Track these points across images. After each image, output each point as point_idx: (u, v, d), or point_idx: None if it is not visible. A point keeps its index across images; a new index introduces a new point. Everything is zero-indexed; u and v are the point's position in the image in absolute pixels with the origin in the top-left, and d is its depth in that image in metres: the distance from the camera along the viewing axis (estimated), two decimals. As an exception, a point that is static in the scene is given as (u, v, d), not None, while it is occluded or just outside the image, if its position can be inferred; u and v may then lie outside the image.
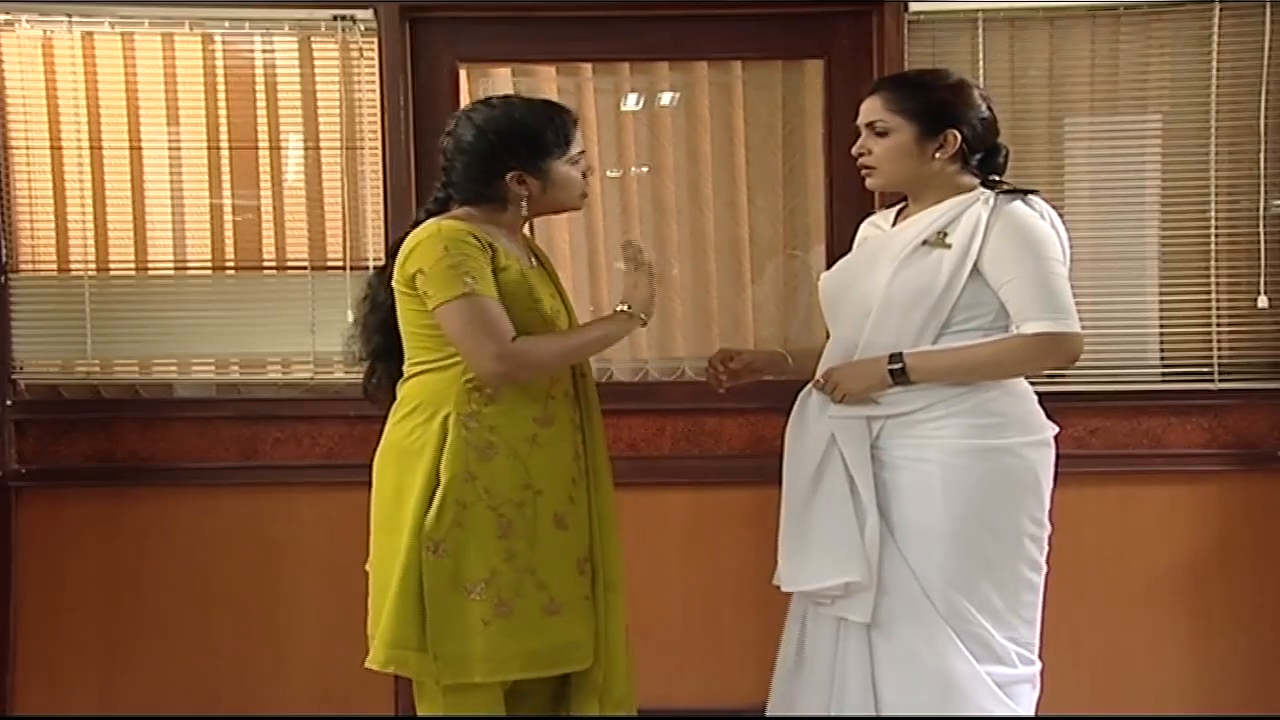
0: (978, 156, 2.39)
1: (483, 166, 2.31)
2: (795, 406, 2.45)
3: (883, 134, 2.36)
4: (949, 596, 2.28)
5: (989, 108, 2.40)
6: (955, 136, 2.34)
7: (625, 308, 2.34)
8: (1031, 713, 2.38)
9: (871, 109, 2.38)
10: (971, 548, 2.28)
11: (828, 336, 2.53)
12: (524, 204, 2.33)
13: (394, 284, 2.30)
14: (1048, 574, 2.42)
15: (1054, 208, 3.23)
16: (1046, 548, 2.38)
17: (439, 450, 2.24)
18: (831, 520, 2.32)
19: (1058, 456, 2.43)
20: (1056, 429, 2.40)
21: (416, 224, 2.33)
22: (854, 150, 2.42)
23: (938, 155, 2.35)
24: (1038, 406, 2.39)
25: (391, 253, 2.35)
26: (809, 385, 2.43)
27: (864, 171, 2.42)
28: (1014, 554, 2.32)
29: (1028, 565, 2.35)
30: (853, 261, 2.51)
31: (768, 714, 2.51)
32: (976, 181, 2.39)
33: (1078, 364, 3.30)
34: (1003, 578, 2.31)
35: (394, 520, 2.27)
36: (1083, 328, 3.17)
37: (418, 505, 2.24)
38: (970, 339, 2.30)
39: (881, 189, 2.46)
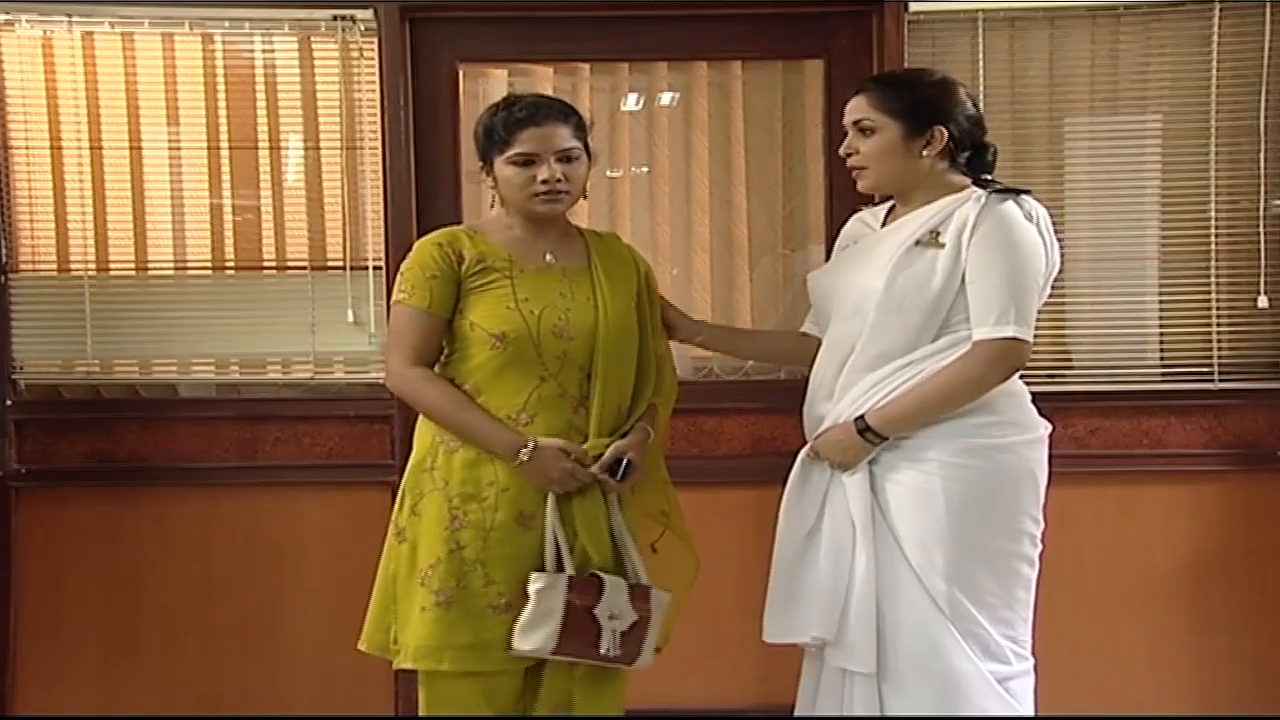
0: (965, 154, 2.39)
1: None
2: (796, 468, 2.46)
3: (869, 133, 2.37)
4: (952, 595, 2.29)
5: (975, 105, 2.40)
6: (942, 133, 2.35)
7: (520, 459, 2.26)
8: (1032, 706, 2.38)
9: (857, 108, 2.39)
10: (972, 546, 2.30)
11: (798, 333, 2.62)
12: (494, 196, 2.43)
13: None
14: (1047, 574, 2.42)
15: (1054, 208, 3.26)
16: (1040, 545, 2.39)
17: (418, 442, 2.40)
18: (814, 578, 2.36)
19: (1057, 456, 2.44)
20: (1050, 426, 2.41)
21: None
22: (842, 150, 2.43)
23: (925, 152, 2.35)
24: (1031, 404, 2.40)
25: None
26: (805, 451, 2.45)
27: (854, 173, 2.43)
28: (1012, 551, 2.34)
29: (1024, 562, 2.36)
30: (845, 260, 2.51)
31: (797, 706, 2.52)
32: (967, 181, 2.39)
33: (1078, 364, 3.34)
34: (1001, 575, 2.33)
35: None
36: (1083, 328, 3.16)
37: (399, 494, 2.40)
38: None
39: (872, 190, 2.45)
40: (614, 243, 2.55)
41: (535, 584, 2.25)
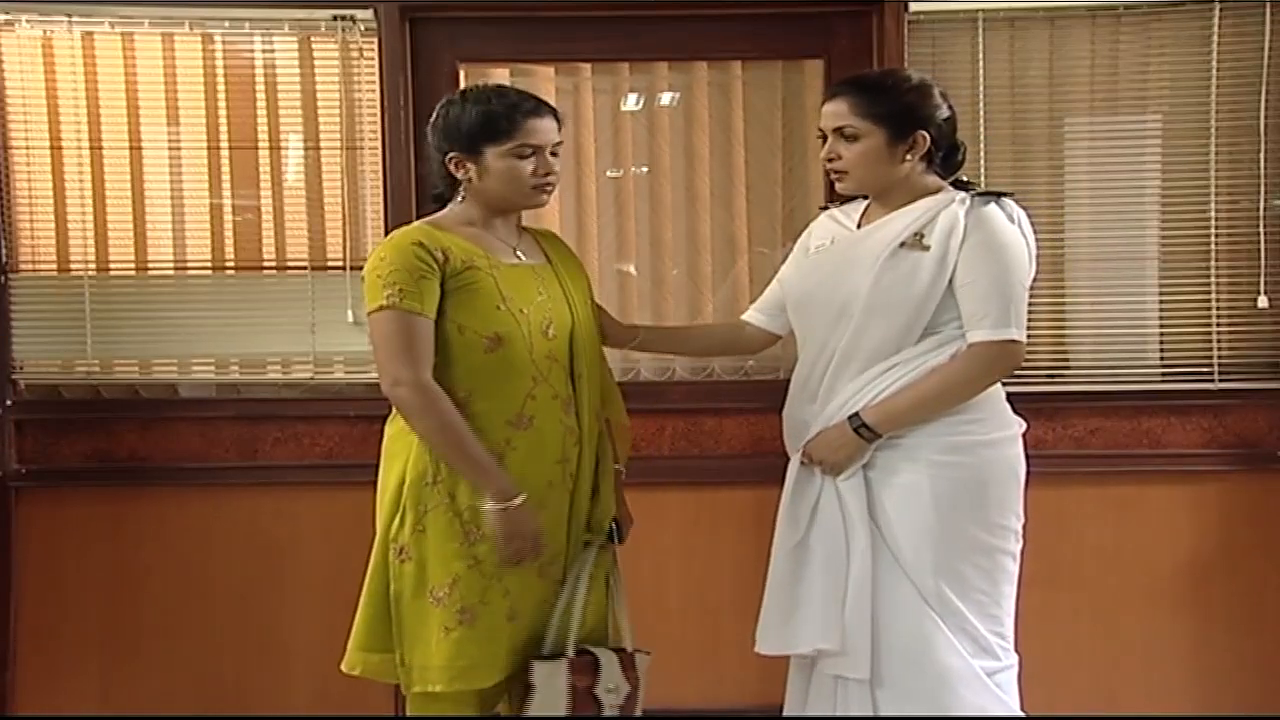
0: (940, 155, 2.40)
1: (435, 149, 2.33)
2: (790, 478, 2.44)
3: (853, 139, 2.35)
4: (941, 592, 2.30)
5: (950, 106, 2.40)
6: (924, 138, 2.35)
7: (505, 506, 2.19)
8: (1019, 701, 2.39)
9: (838, 114, 2.36)
10: (961, 543, 2.31)
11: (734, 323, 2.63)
12: (462, 190, 2.31)
13: None
14: (1047, 574, 2.42)
15: (1054, 208, 3.28)
16: (1021, 540, 2.40)
17: (409, 453, 2.24)
18: (815, 587, 2.35)
19: (1057, 456, 2.44)
20: (1025, 424, 2.42)
21: None
22: (823, 155, 2.41)
23: (908, 157, 2.35)
24: (1006, 402, 2.42)
25: None
26: (797, 457, 2.43)
27: (834, 176, 2.41)
28: (998, 547, 2.35)
29: (1009, 558, 2.38)
30: (823, 261, 2.47)
31: (784, 713, 2.51)
32: (943, 182, 2.40)
33: (1078, 364, 3.35)
34: (989, 571, 2.34)
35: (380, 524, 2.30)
36: (1082, 328, 3.16)
37: (388, 509, 2.26)
38: (959, 343, 2.31)
39: (853, 192, 2.45)
40: (559, 240, 2.52)
41: (538, 673, 2.25)
